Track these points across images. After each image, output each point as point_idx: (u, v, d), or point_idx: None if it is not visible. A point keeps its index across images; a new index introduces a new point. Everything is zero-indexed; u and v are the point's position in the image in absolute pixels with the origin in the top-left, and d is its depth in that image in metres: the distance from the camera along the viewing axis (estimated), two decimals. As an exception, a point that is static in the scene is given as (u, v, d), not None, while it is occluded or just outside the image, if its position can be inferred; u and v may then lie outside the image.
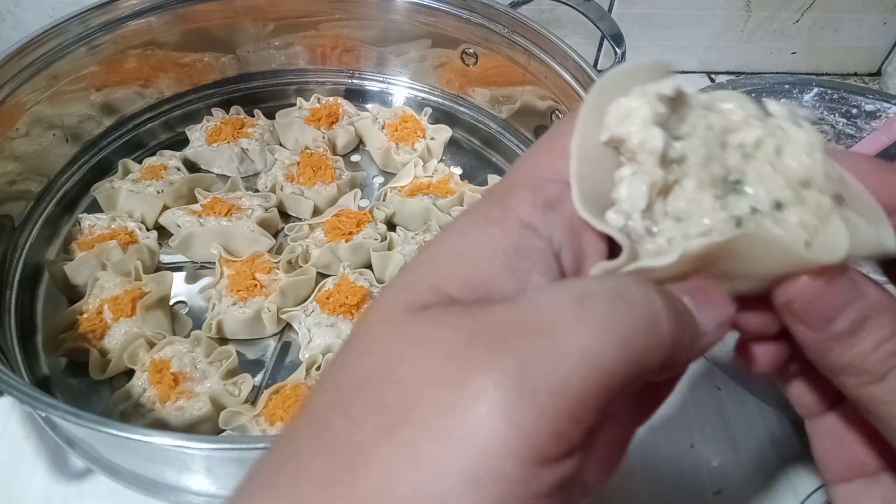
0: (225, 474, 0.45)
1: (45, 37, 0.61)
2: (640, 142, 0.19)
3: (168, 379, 0.51)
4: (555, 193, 0.19)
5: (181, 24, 0.71)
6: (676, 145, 0.20)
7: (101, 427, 0.38)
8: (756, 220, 0.19)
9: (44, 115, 0.64)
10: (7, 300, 0.58)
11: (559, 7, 0.71)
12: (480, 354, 0.15)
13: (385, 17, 0.75)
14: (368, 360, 0.17)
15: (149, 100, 0.74)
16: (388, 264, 0.61)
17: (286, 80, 0.80)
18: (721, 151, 0.20)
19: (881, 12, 0.92)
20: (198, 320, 0.60)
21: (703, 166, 0.20)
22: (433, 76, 0.79)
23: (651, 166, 0.19)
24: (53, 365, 0.56)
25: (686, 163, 0.20)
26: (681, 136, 0.20)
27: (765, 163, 0.20)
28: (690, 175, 0.20)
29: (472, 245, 0.18)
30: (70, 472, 0.52)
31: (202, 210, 0.63)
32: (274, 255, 0.62)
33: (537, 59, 0.68)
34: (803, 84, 0.69)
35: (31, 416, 0.54)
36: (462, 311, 0.17)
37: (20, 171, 0.63)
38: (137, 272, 0.59)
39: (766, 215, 0.19)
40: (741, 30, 0.92)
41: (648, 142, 0.19)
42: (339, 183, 0.68)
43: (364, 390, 0.16)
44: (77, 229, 0.63)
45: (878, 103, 0.68)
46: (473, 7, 0.70)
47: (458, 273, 0.18)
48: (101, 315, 0.56)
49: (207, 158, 0.72)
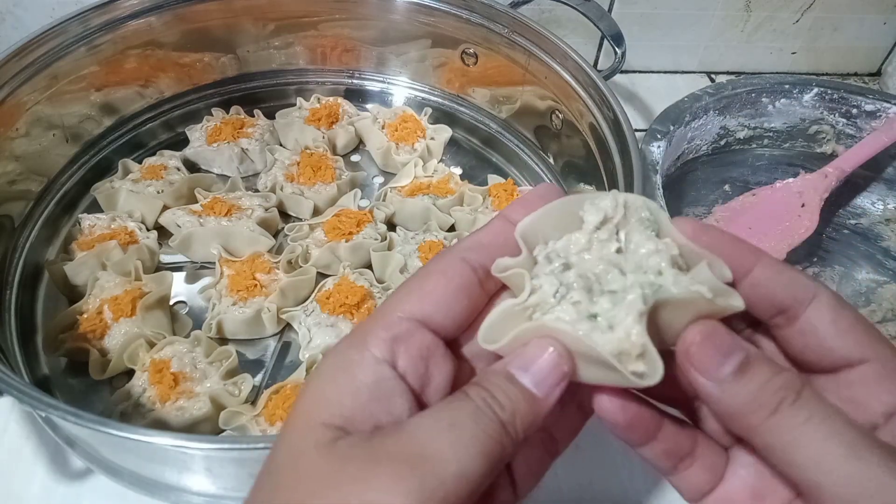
0: (225, 474, 0.45)
1: (45, 37, 0.61)
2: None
3: (168, 379, 0.51)
4: (403, 330, 0.24)
5: (181, 24, 0.71)
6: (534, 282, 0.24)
7: (101, 427, 0.38)
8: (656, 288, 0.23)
9: (44, 115, 0.64)
10: (7, 300, 0.58)
11: (559, 7, 0.71)
12: (386, 483, 0.20)
13: (385, 17, 0.75)
14: (294, 494, 0.21)
15: (149, 100, 0.74)
16: (388, 264, 0.61)
17: (286, 80, 0.80)
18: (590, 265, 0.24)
19: (881, 12, 0.92)
20: (198, 320, 0.60)
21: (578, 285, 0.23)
22: (433, 76, 0.79)
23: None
24: (53, 365, 0.56)
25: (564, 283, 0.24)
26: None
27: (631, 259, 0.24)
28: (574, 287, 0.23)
29: (338, 389, 0.23)
30: (70, 472, 0.52)
31: (202, 210, 0.63)
32: (274, 255, 0.62)
33: (537, 59, 0.68)
34: (803, 84, 0.70)
35: (31, 416, 0.54)
36: (362, 446, 0.21)
37: (20, 171, 0.63)
38: (137, 272, 0.59)
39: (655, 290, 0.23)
40: (741, 30, 0.92)
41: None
42: (339, 183, 0.68)
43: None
44: (77, 229, 0.63)
45: (878, 103, 0.68)
46: (473, 7, 0.70)
47: (335, 412, 0.22)
48: (101, 315, 0.56)
49: (207, 158, 0.72)
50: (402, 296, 0.25)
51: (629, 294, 0.22)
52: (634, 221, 0.24)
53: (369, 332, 0.24)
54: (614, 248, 0.24)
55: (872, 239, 0.72)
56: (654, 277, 0.23)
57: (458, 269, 0.25)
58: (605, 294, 0.23)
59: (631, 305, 0.22)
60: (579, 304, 0.23)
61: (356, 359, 0.23)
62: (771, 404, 0.21)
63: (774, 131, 0.72)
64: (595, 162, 0.63)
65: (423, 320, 0.24)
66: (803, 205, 0.66)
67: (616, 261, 0.24)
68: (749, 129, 0.71)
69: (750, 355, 0.22)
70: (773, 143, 0.73)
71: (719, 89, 0.68)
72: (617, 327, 0.22)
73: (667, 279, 0.23)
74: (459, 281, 0.25)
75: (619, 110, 0.59)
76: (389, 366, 0.23)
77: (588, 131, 0.64)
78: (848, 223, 0.73)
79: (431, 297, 0.24)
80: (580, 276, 0.23)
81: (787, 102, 0.70)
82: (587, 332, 0.22)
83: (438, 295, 0.24)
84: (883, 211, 0.72)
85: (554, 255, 0.24)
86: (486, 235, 0.26)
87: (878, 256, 0.71)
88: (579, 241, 0.24)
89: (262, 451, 0.38)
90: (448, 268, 0.25)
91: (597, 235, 0.24)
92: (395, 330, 0.24)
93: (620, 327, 0.22)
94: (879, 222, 0.72)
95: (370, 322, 0.24)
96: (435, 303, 0.24)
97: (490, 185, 0.69)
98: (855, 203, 0.73)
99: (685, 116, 0.65)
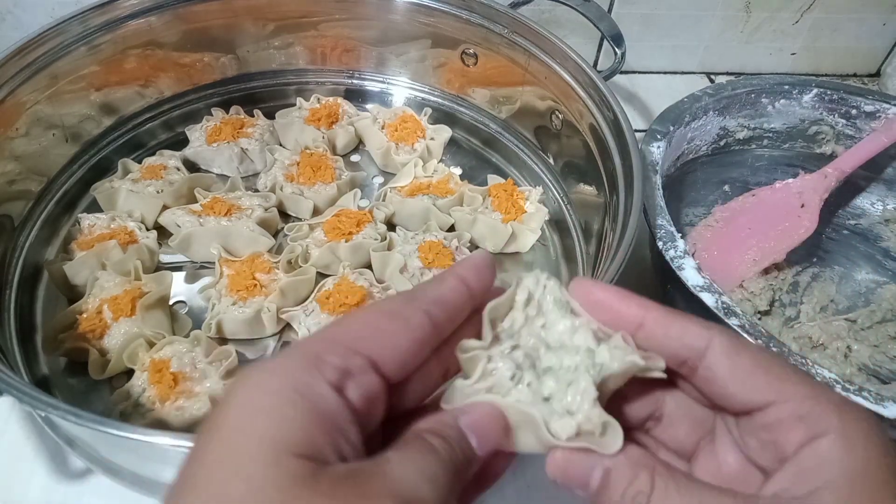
0: (225, 474, 0.45)
1: (45, 37, 0.61)
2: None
3: (168, 379, 0.51)
4: (357, 366, 0.24)
5: (181, 24, 0.71)
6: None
7: (101, 427, 0.38)
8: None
9: (44, 114, 0.64)
10: (7, 300, 0.58)
11: (559, 7, 0.71)
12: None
13: (385, 17, 0.75)
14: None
15: (149, 100, 0.74)
16: (388, 264, 0.61)
17: (286, 80, 0.80)
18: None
19: (881, 13, 0.92)
20: (197, 320, 0.60)
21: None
22: (433, 76, 0.79)
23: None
24: (53, 365, 0.56)
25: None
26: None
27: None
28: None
29: (302, 416, 0.22)
30: (70, 472, 0.52)
31: (202, 210, 0.63)
32: (274, 255, 0.62)
33: (537, 60, 0.68)
34: (803, 84, 0.70)
35: (31, 416, 0.54)
36: (345, 483, 0.21)
37: (20, 170, 0.63)
38: (137, 272, 0.59)
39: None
40: (741, 30, 0.92)
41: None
42: (339, 183, 0.68)
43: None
44: (77, 229, 0.63)
45: (877, 104, 0.68)
46: (473, 7, 0.70)
47: (305, 441, 0.21)
48: (101, 315, 0.56)
49: (207, 158, 0.72)
50: (358, 328, 0.25)
51: (581, 381, 0.25)
52: (550, 300, 0.27)
53: (322, 357, 0.23)
54: (540, 324, 0.27)
55: (872, 239, 0.72)
56: (587, 357, 0.26)
57: (420, 322, 0.25)
58: (546, 373, 0.26)
59: (586, 393, 0.25)
60: (531, 385, 0.26)
61: (313, 384, 0.22)
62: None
63: (774, 132, 0.72)
64: (595, 162, 0.63)
65: (376, 363, 0.24)
66: (803, 205, 0.66)
67: (543, 337, 0.27)
68: (749, 130, 0.71)
69: (607, 469, 0.24)
70: (772, 144, 0.73)
71: (719, 90, 0.68)
72: (577, 414, 0.25)
73: (603, 356, 0.25)
74: (420, 334, 0.25)
75: (619, 111, 0.59)
76: (340, 396, 0.23)
77: (588, 132, 0.64)
78: (848, 223, 0.73)
79: (391, 342, 0.24)
80: (526, 356, 0.26)
81: (787, 103, 0.70)
82: (546, 418, 0.25)
83: (397, 343, 0.25)
84: (882, 211, 0.72)
85: (505, 336, 0.27)
86: (449, 293, 0.26)
87: (877, 257, 0.71)
88: (518, 318, 0.27)
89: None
90: (412, 317, 0.25)
91: (527, 311, 0.27)
92: (350, 363, 0.23)
93: (580, 414, 0.25)
94: (879, 223, 0.72)
95: (321, 344, 0.24)
96: (392, 349, 0.24)
97: (490, 185, 0.69)
98: (855, 203, 0.73)
99: (685, 117, 0.65)
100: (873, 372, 0.62)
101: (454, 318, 0.26)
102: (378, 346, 0.24)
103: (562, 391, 0.25)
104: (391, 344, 0.24)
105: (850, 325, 0.65)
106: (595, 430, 0.25)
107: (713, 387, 0.25)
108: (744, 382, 0.24)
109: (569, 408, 0.25)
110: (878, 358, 0.63)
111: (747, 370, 0.24)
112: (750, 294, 0.66)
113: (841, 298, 0.68)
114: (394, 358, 0.24)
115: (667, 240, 0.54)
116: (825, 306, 0.68)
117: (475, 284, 0.27)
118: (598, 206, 0.62)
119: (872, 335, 0.64)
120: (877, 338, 0.64)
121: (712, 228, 0.68)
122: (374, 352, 0.24)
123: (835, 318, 0.66)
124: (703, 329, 0.25)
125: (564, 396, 0.25)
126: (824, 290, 0.69)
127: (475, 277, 0.27)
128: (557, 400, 0.25)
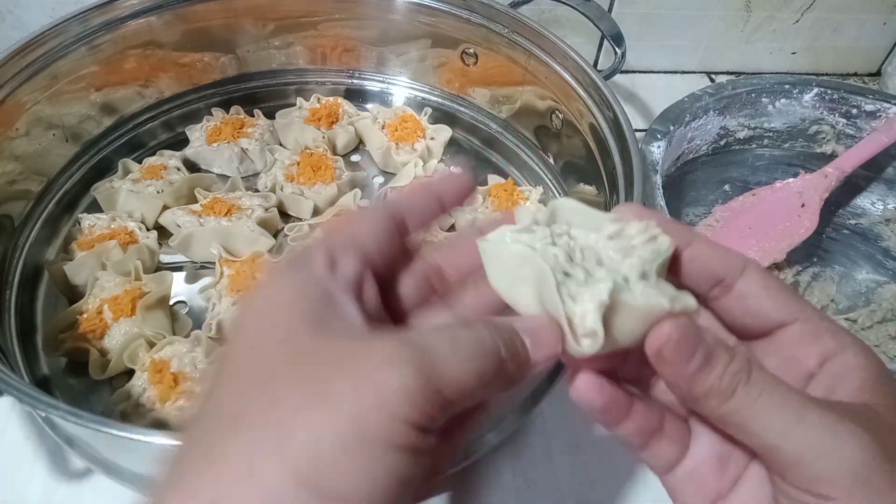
0: (225, 474, 0.45)
1: (45, 37, 0.61)
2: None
3: (168, 379, 0.51)
4: (338, 244, 0.26)
5: (181, 24, 0.71)
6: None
7: (101, 427, 0.38)
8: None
9: (44, 114, 0.64)
10: (7, 300, 0.58)
11: (559, 7, 0.71)
12: (384, 356, 0.21)
13: (385, 17, 0.75)
14: (271, 377, 0.22)
15: (149, 100, 0.74)
16: (388, 264, 0.61)
17: (286, 80, 0.80)
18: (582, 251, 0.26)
19: (881, 12, 0.92)
20: (198, 320, 0.60)
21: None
22: (433, 76, 0.79)
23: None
24: (53, 365, 0.56)
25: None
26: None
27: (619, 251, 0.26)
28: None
29: (294, 296, 0.23)
30: (70, 472, 0.52)
31: (202, 210, 0.63)
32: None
33: (537, 59, 0.68)
34: (803, 84, 0.69)
35: (31, 416, 0.54)
36: (351, 330, 0.23)
37: (20, 170, 0.63)
38: (137, 272, 0.59)
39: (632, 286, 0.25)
40: (741, 30, 0.92)
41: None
42: (339, 183, 0.68)
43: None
44: (77, 229, 0.63)
45: (877, 103, 0.68)
46: (473, 7, 0.70)
47: (304, 312, 0.23)
48: (101, 315, 0.56)
49: (207, 158, 0.72)
50: (333, 227, 0.27)
51: (600, 282, 0.24)
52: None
53: (307, 253, 0.25)
54: (612, 231, 0.26)
55: (872, 239, 0.72)
56: (622, 280, 0.25)
57: (383, 216, 0.27)
58: (580, 266, 0.25)
59: (595, 294, 0.24)
60: (557, 259, 0.25)
61: (302, 273, 0.24)
62: (729, 389, 0.24)
63: (774, 131, 0.72)
64: (595, 162, 0.63)
65: (356, 246, 0.26)
66: (803, 205, 0.66)
67: (604, 246, 0.26)
68: (749, 130, 0.71)
69: (710, 348, 0.24)
70: (773, 143, 0.73)
71: (719, 89, 0.68)
72: (578, 303, 0.24)
73: (636, 287, 0.25)
74: (385, 224, 0.27)
75: (619, 110, 0.59)
76: (332, 273, 0.25)
77: (588, 131, 0.64)
78: (848, 223, 0.73)
79: (360, 228, 0.27)
80: (570, 246, 0.26)
81: (787, 102, 0.70)
82: (561, 282, 0.24)
83: (366, 228, 0.27)
84: (883, 211, 0.72)
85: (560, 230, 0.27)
86: (407, 197, 0.29)
87: (878, 256, 0.71)
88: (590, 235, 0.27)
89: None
90: (373, 212, 0.28)
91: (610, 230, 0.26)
92: (332, 246, 0.25)
93: (580, 305, 0.24)
94: (879, 222, 0.72)
95: (303, 250, 0.26)
96: (365, 233, 0.27)
97: (490, 185, 0.69)
98: (855, 203, 0.73)
99: (685, 116, 0.65)
100: (874, 372, 0.62)
101: (418, 210, 0.28)
102: (351, 234, 0.26)
103: (580, 282, 0.25)
104: (362, 230, 0.27)
105: (850, 324, 0.65)
106: (579, 331, 0.24)
107: (747, 304, 0.26)
108: (774, 299, 0.26)
109: (575, 296, 0.24)
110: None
111: (776, 291, 0.26)
112: (750, 294, 0.65)
113: (841, 298, 0.68)
114: (369, 242, 0.26)
115: (667, 239, 0.54)
116: (825, 306, 0.68)
117: (441, 188, 0.29)
118: (599, 206, 0.62)
119: (872, 335, 0.64)
120: (877, 338, 0.64)
121: (712, 228, 0.68)
122: (350, 237, 0.26)
123: (835, 318, 0.66)
124: (740, 255, 0.27)
125: (579, 288, 0.25)
126: (825, 289, 0.69)
127: (450, 185, 0.29)
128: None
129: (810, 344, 0.26)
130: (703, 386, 0.24)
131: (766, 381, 0.24)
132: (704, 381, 0.24)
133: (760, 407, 0.23)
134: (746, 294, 0.26)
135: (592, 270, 0.25)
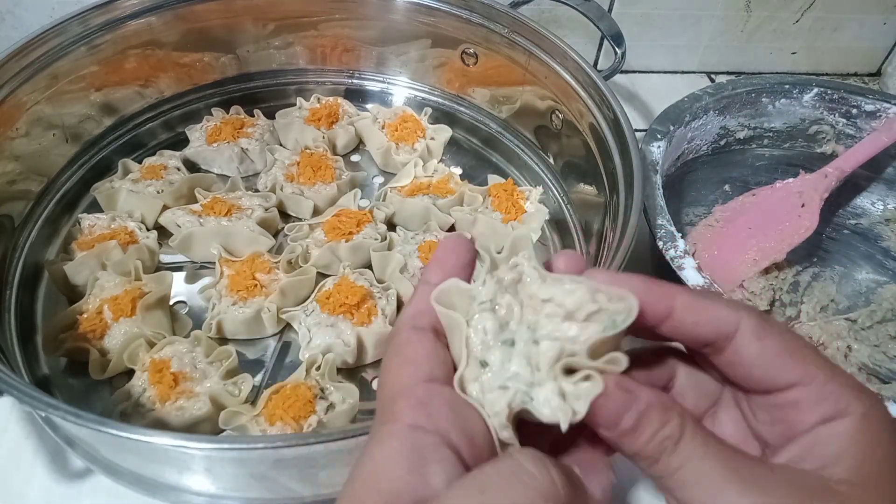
0: (225, 474, 0.45)
1: (45, 37, 0.61)
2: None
3: (168, 379, 0.51)
4: (423, 393, 0.25)
5: (181, 24, 0.71)
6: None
7: (101, 427, 0.38)
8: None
9: (44, 115, 0.64)
10: (7, 300, 0.58)
11: (559, 7, 0.71)
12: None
13: (385, 17, 0.75)
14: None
15: (149, 100, 0.74)
16: (388, 264, 0.61)
17: (286, 80, 0.80)
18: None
19: (881, 12, 0.92)
20: (198, 320, 0.60)
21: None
22: (433, 76, 0.79)
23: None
24: (53, 365, 0.56)
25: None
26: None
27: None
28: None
29: (377, 461, 0.23)
30: (70, 472, 0.52)
31: (202, 210, 0.63)
32: (274, 255, 0.62)
33: (537, 59, 0.68)
34: (803, 84, 0.69)
35: (31, 416, 0.54)
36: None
37: (20, 171, 0.63)
38: (137, 272, 0.59)
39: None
40: (741, 30, 0.92)
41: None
42: (339, 183, 0.68)
43: None
44: (77, 229, 0.63)
45: (878, 103, 0.68)
46: (473, 7, 0.70)
47: (373, 487, 0.23)
48: (101, 315, 0.56)
49: (207, 158, 0.72)
50: (396, 368, 0.26)
51: (509, 384, 0.25)
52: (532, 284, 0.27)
53: (394, 406, 0.24)
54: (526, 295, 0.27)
55: (872, 239, 0.72)
56: (530, 380, 0.25)
57: (418, 335, 0.27)
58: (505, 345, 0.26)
59: (500, 408, 0.25)
60: (485, 334, 0.26)
61: (390, 431, 0.24)
62: (655, 455, 0.24)
63: (774, 131, 0.72)
64: (595, 162, 0.63)
65: (428, 379, 0.25)
66: (803, 205, 0.66)
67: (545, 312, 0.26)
68: (749, 129, 0.71)
69: (640, 413, 0.24)
70: (773, 143, 0.73)
71: (719, 89, 0.68)
72: (486, 405, 0.25)
73: (544, 388, 0.25)
74: (428, 341, 0.27)
75: (619, 110, 0.59)
76: (424, 431, 0.24)
77: (588, 131, 0.64)
78: (848, 223, 0.73)
79: (417, 358, 0.26)
80: (510, 306, 0.27)
81: (787, 102, 0.70)
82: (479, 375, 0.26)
83: (421, 356, 0.26)
84: (883, 211, 0.72)
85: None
86: (420, 303, 0.28)
87: (878, 256, 0.71)
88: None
89: (261, 450, 0.38)
90: (411, 337, 0.27)
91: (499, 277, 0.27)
92: (417, 395, 0.25)
93: (489, 408, 0.25)
94: (879, 222, 0.72)
95: (386, 398, 0.25)
96: (425, 360, 0.26)
97: (490, 185, 0.68)
98: (855, 203, 0.73)
99: (685, 116, 0.65)
100: (873, 372, 0.62)
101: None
102: (415, 369, 0.26)
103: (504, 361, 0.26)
104: (419, 359, 0.26)
105: (850, 324, 0.65)
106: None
107: (738, 368, 0.25)
108: (770, 365, 0.25)
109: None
110: (878, 358, 0.63)
111: (774, 353, 0.25)
112: (750, 294, 0.66)
113: (841, 298, 0.68)
114: (432, 367, 0.26)
115: (667, 239, 0.54)
116: (825, 306, 0.68)
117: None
118: (599, 206, 0.62)
119: (872, 335, 0.64)
120: (877, 337, 0.64)
121: (712, 228, 0.68)
122: (421, 374, 0.26)
123: (835, 318, 0.66)
124: (731, 312, 0.25)
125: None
126: (825, 289, 0.69)
127: (441, 274, 0.28)
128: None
129: (807, 410, 0.25)
130: (630, 448, 0.24)
131: (696, 450, 0.24)
132: (632, 444, 0.24)
133: (683, 475, 0.24)
134: (737, 360, 0.25)
135: (510, 361, 0.25)
